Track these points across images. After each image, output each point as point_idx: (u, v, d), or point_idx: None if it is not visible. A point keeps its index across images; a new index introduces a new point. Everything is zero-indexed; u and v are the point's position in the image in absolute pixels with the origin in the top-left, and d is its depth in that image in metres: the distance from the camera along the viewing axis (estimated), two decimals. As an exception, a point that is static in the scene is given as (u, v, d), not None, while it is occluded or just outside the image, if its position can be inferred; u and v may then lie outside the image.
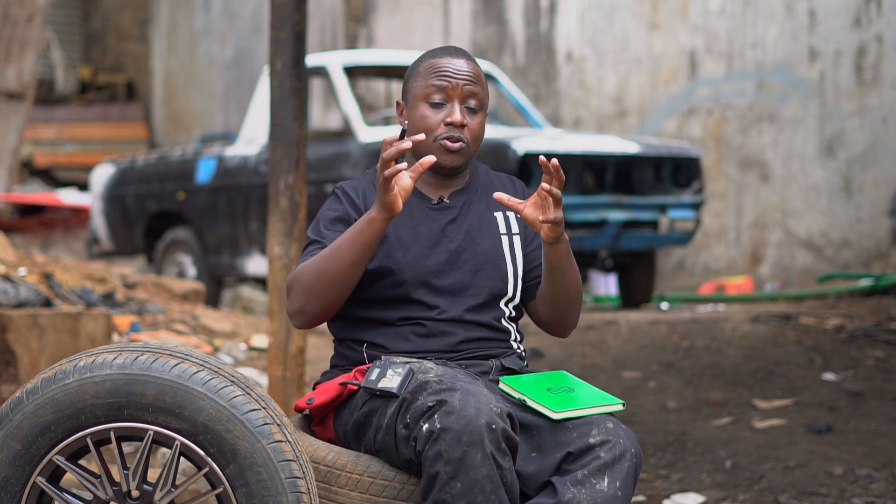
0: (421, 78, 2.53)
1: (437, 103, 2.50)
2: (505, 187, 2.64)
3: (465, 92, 2.50)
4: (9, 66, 10.36)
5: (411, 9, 12.24)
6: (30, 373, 4.58)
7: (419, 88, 2.52)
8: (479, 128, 2.52)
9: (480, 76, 2.53)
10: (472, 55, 2.59)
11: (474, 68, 2.53)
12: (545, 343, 6.05)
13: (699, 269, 10.18)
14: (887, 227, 9.16)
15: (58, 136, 14.44)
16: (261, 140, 7.83)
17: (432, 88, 2.50)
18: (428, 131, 2.50)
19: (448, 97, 2.50)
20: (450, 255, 2.52)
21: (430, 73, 2.51)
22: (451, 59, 2.52)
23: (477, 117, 2.52)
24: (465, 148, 2.51)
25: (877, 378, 5.37)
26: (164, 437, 2.20)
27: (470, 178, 2.62)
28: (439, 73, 2.51)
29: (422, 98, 2.51)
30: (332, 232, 2.50)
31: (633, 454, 2.30)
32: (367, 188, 2.57)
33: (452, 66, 2.51)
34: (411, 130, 2.52)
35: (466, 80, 2.50)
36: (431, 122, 2.50)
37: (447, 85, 2.49)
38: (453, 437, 2.17)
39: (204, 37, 14.82)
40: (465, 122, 2.49)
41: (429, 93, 2.50)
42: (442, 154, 2.50)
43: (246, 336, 6.20)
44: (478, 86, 2.51)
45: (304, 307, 2.44)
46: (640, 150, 7.32)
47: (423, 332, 2.49)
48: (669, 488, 4.18)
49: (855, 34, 9.28)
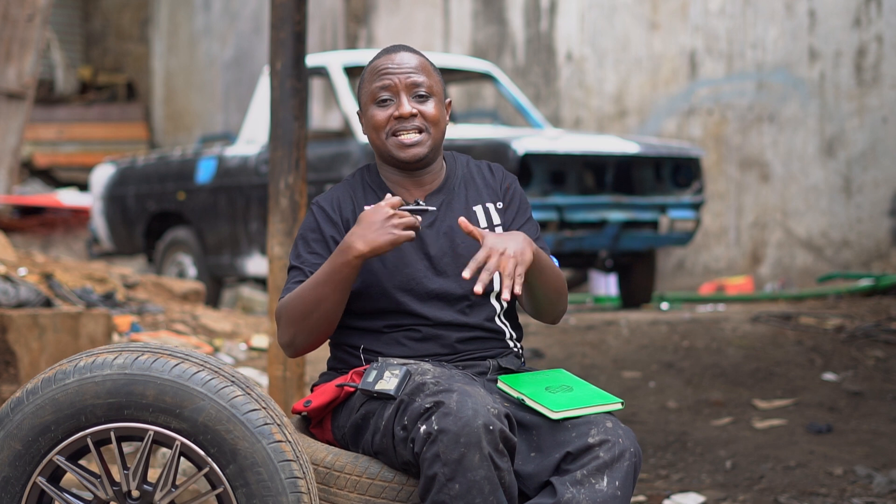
0: (367, 83, 2.54)
1: (383, 100, 2.51)
2: (484, 176, 2.63)
3: (409, 83, 2.50)
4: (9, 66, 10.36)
5: (411, 9, 12.24)
6: (30, 373, 4.58)
7: (366, 93, 2.54)
8: (436, 111, 2.51)
9: (426, 65, 2.53)
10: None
11: (417, 59, 2.53)
12: (545, 343, 6.06)
13: (699, 269, 10.18)
14: (887, 227, 9.16)
15: (58, 136, 14.44)
16: (261, 140, 7.83)
17: (377, 88, 2.51)
18: (379, 128, 2.51)
19: (393, 93, 2.50)
20: (430, 262, 2.51)
21: (374, 75, 2.53)
22: (390, 56, 2.53)
23: (428, 103, 2.51)
24: (423, 136, 2.50)
25: (877, 378, 5.37)
26: (164, 437, 2.20)
27: (447, 174, 2.60)
28: (381, 72, 2.52)
29: (370, 101, 2.52)
30: (311, 255, 2.50)
31: (633, 454, 2.29)
32: (342, 197, 2.56)
33: (392, 63, 2.52)
34: (367, 133, 2.54)
35: (407, 71, 2.51)
36: (380, 118, 2.51)
37: (389, 82, 2.50)
38: (451, 438, 2.17)
39: (204, 37, 14.82)
40: (416, 111, 2.49)
41: (374, 93, 2.51)
42: (398, 149, 2.50)
43: (246, 336, 6.20)
44: (421, 74, 2.51)
45: (293, 341, 2.46)
46: (640, 150, 7.32)
47: (417, 336, 2.48)
48: (669, 488, 4.18)
49: (855, 34, 9.28)
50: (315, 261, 2.48)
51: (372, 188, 2.57)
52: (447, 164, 2.62)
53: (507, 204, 2.60)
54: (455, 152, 2.67)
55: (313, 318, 2.41)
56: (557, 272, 2.51)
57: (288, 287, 2.49)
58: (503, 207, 2.59)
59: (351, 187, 2.58)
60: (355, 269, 2.38)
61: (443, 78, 2.58)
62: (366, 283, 2.49)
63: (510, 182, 2.63)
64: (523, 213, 2.61)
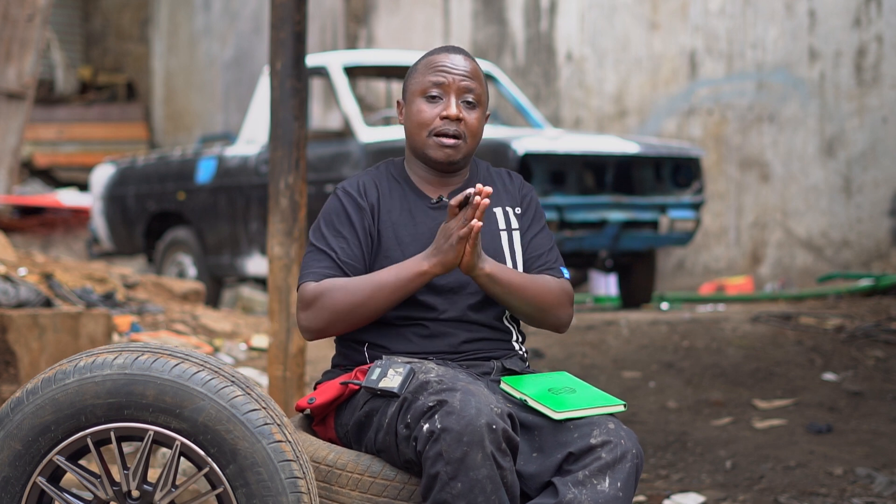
0: (419, 74, 2.54)
1: (433, 97, 2.51)
2: (504, 181, 2.65)
3: (462, 87, 2.51)
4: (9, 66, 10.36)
5: (411, 9, 12.24)
6: (30, 373, 4.58)
7: (417, 84, 2.53)
8: (477, 123, 2.52)
9: (479, 73, 2.54)
10: (473, 55, 2.60)
11: (472, 65, 2.54)
12: (546, 343, 6.06)
13: (699, 269, 10.17)
14: (887, 227, 9.16)
15: (58, 136, 14.44)
16: (261, 140, 7.83)
17: (429, 83, 2.51)
18: (423, 125, 2.51)
19: (444, 92, 2.51)
20: None
21: (428, 69, 2.53)
22: (448, 56, 2.54)
23: (474, 112, 2.52)
24: (460, 143, 2.51)
25: (877, 378, 5.37)
26: (164, 437, 2.20)
27: (469, 175, 2.62)
28: (436, 68, 2.52)
29: (419, 93, 2.52)
30: (340, 241, 2.50)
31: (635, 455, 2.30)
32: (367, 183, 2.57)
33: (450, 62, 2.52)
34: (408, 125, 2.54)
35: (463, 75, 2.51)
36: (427, 115, 2.51)
37: (444, 80, 2.50)
38: (454, 437, 2.17)
39: (204, 37, 14.82)
40: (461, 116, 2.50)
41: (425, 87, 2.51)
42: (435, 150, 2.51)
43: (246, 336, 6.20)
44: (475, 82, 2.52)
45: (325, 329, 2.47)
46: (641, 150, 7.32)
47: (425, 332, 2.49)
48: (669, 488, 4.18)
49: (855, 34, 9.28)
50: (344, 245, 2.49)
51: (397, 181, 2.58)
52: (470, 167, 2.64)
53: (524, 210, 2.62)
54: (475, 157, 2.68)
55: (360, 315, 2.44)
56: (535, 290, 2.51)
57: (315, 271, 2.48)
58: (521, 213, 2.62)
59: (375, 177, 2.59)
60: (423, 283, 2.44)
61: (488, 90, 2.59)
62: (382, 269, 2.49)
63: (527, 190, 2.66)
64: (538, 221, 2.63)
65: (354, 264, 2.49)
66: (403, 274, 2.42)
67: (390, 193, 2.56)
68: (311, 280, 2.47)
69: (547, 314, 2.54)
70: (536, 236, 2.60)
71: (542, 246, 2.60)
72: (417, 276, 2.42)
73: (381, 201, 2.54)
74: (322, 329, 2.47)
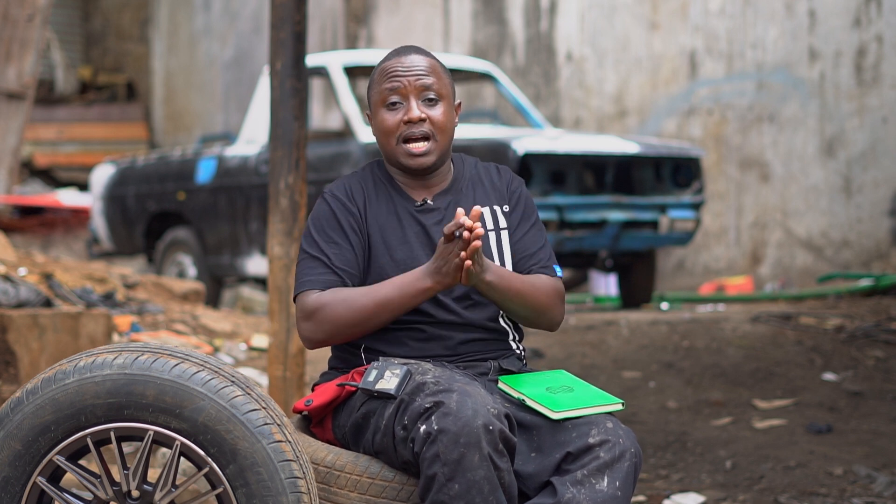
0: (376, 84, 2.53)
1: (393, 103, 2.50)
2: (492, 178, 2.63)
3: (419, 86, 2.49)
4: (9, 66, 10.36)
5: (411, 9, 12.24)
6: (30, 373, 4.58)
7: (376, 95, 2.52)
8: (443, 117, 2.50)
9: (435, 67, 2.52)
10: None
11: (427, 61, 2.52)
12: (545, 343, 6.06)
13: (699, 269, 10.17)
14: (887, 227, 9.16)
15: (58, 136, 14.44)
16: (261, 140, 7.83)
17: (386, 91, 2.50)
18: (389, 133, 2.50)
19: (403, 96, 2.49)
20: None
21: (383, 77, 2.51)
22: (400, 59, 2.52)
23: (438, 107, 2.50)
24: (430, 144, 2.49)
25: (877, 378, 5.37)
26: (164, 437, 2.20)
27: (454, 176, 2.60)
28: (390, 74, 2.50)
29: (380, 103, 2.51)
30: (332, 247, 2.49)
31: (633, 454, 2.30)
32: (353, 186, 2.56)
33: (402, 65, 2.50)
34: (376, 136, 2.53)
35: (418, 74, 2.49)
36: (390, 123, 2.50)
37: (399, 85, 2.49)
38: (450, 438, 2.18)
39: (204, 37, 14.82)
40: (424, 116, 2.48)
41: (384, 96, 2.50)
42: (406, 158, 2.50)
43: (246, 336, 6.20)
44: (431, 77, 2.50)
45: (326, 340, 2.48)
46: (641, 150, 7.32)
47: (421, 336, 2.49)
48: (669, 488, 4.18)
49: (855, 34, 9.28)
50: (337, 251, 2.48)
51: (382, 183, 2.57)
52: (455, 166, 2.62)
53: (513, 207, 2.60)
54: (463, 154, 2.67)
55: (363, 329, 2.45)
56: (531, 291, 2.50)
57: (311, 279, 2.47)
58: (509, 210, 2.60)
59: (362, 179, 2.58)
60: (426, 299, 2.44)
61: (452, 79, 2.57)
62: (374, 278, 2.49)
63: (517, 185, 2.63)
64: (528, 217, 2.60)
65: (349, 270, 2.48)
66: (407, 290, 2.42)
67: (377, 196, 2.55)
68: (310, 289, 2.46)
69: (542, 316, 2.54)
70: (528, 233, 2.58)
71: (535, 243, 2.58)
72: (421, 293, 2.42)
73: (367, 205, 2.53)
74: (323, 341, 2.48)
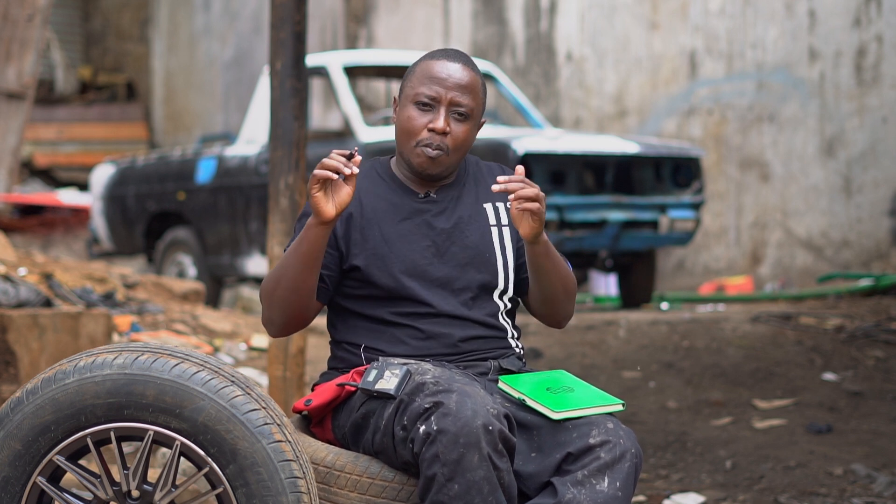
0: (415, 79, 2.51)
1: (424, 104, 2.49)
2: (494, 174, 2.62)
3: (454, 99, 2.48)
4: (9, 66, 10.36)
5: (411, 9, 12.24)
6: (30, 373, 4.58)
7: (411, 89, 2.51)
8: (464, 136, 2.49)
9: (475, 84, 2.51)
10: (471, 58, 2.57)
11: (469, 76, 2.50)
12: (545, 343, 6.06)
13: (699, 269, 10.17)
14: (887, 227, 9.16)
15: (58, 136, 14.44)
16: (261, 140, 7.83)
17: (422, 91, 2.49)
18: (411, 134, 2.49)
19: (436, 102, 2.48)
20: (436, 248, 2.51)
21: (424, 75, 2.50)
22: (446, 64, 2.50)
23: (463, 125, 2.49)
24: (442, 156, 2.49)
25: (877, 378, 5.37)
26: (164, 437, 2.20)
27: (458, 172, 2.61)
28: (431, 76, 2.49)
29: (411, 99, 2.50)
30: None
31: (634, 454, 2.29)
32: None
33: (445, 71, 2.49)
34: (398, 128, 2.53)
35: (456, 87, 2.48)
36: (416, 124, 2.49)
37: (435, 93, 2.48)
38: (450, 438, 2.17)
39: (204, 37, 14.82)
40: (448, 130, 2.48)
41: (418, 95, 2.49)
42: (419, 158, 2.50)
43: (246, 336, 6.20)
44: (468, 95, 2.49)
45: (270, 317, 2.48)
46: (640, 150, 7.32)
47: (420, 335, 2.48)
48: (669, 488, 4.18)
49: (855, 34, 9.28)
50: None
51: (382, 179, 2.57)
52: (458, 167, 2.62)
53: None
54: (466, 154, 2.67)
55: (286, 288, 2.41)
56: (567, 270, 2.53)
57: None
58: None
59: (359, 175, 2.58)
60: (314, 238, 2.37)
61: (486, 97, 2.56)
62: (371, 267, 2.48)
63: None
64: None
65: (326, 272, 2.48)
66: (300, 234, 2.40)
67: (374, 191, 2.54)
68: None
69: (569, 300, 2.55)
70: None
71: None
72: (306, 229, 2.38)
73: (361, 201, 2.52)
74: (268, 319, 2.47)
